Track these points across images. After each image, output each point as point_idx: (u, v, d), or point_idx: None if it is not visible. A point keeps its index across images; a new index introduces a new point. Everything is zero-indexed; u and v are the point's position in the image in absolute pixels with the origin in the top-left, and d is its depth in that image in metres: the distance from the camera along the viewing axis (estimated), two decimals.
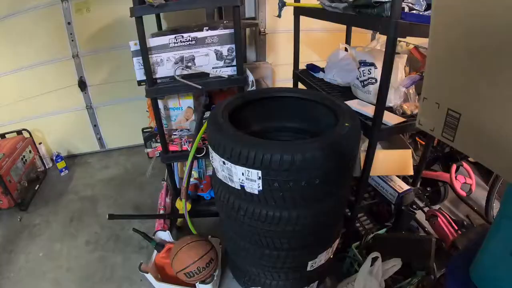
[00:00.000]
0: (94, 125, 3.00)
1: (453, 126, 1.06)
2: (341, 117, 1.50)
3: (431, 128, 1.16)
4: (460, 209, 2.35)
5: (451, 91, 1.06)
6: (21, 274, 2.04)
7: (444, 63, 1.09)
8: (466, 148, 1.05)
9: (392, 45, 1.41)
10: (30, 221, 2.42)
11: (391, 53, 1.43)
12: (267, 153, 1.29)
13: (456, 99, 1.04)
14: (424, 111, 1.19)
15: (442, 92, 1.10)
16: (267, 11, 2.85)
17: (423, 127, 1.20)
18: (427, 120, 1.18)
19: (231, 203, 1.51)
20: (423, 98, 1.17)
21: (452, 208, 2.36)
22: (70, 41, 2.71)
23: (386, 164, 1.78)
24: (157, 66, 1.95)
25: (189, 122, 2.10)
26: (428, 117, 1.17)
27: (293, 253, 1.59)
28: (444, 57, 1.09)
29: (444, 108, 1.08)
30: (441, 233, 2.03)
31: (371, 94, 1.83)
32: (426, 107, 1.17)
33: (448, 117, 1.07)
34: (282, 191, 1.36)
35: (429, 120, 1.17)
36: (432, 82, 1.14)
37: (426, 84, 1.16)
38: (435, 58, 1.12)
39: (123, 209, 2.44)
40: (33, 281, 2.00)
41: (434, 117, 1.14)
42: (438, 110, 1.10)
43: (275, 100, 1.81)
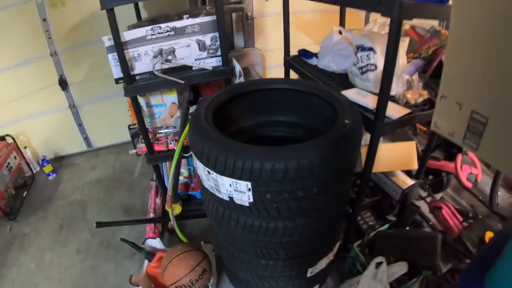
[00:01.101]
0: (79, 125, 2.74)
1: (478, 132, 0.81)
2: (340, 112, 1.25)
3: (450, 133, 0.92)
4: (462, 197, 2.14)
5: (476, 90, 0.81)
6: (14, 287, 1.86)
7: (469, 54, 0.83)
8: (494, 159, 0.81)
9: (396, 29, 1.15)
10: (20, 230, 2.22)
11: (396, 38, 1.17)
12: (256, 162, 1.06)
13: (483, 100, 0.79)
14: (442, 112, 0.94)
15: (465, 90, 0.85)
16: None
17: (439, 130, 0.96)
18: (445, 123, 0.94)
19: (221, 214, 1.29)
20: (440, 96, 0.92)
21: (455, 196, 2.16)
22: (47, 39, 2.43)
23: (389, 159, 1.56)
24: (135, 62, 1.69)
25: (174, 119, 1.85)
26: (447, 120, 0.93)
27: (291, 262, 1.39)
28: (469, 46, 0.83)
29: (467, 110, 0.84)
30: (446, 225, 1.83)
31: (370, 82, 1.57)
32: (444, 107, 0.92)
33: (471, 121, 0.83)
34: (276, 203, 1.14)
35: (447, 123, 0.93)
36: (452, 76, 0.88)
37: (445, 79, 0.91)
38: (458, 47, 0.85)
39: (112, 213, 2.24)
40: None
41: (454, 120, 0.89)
42: (459, 112, 0.86)
43: (265, 92, 1.55)
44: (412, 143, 1.59)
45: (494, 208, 1.95)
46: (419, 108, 1.49)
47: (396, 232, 1.70)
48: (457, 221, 1.82)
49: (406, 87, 1.53)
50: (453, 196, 2.15)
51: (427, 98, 1.56)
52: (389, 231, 1.71)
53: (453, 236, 1.79)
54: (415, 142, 1.61)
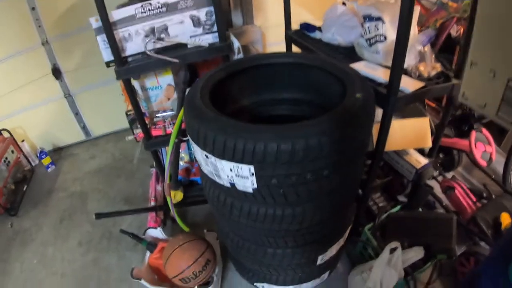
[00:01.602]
0: (75, 114, 2.57)
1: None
2: (350, 86, 1.08)
3: (481, 104, 0.76)
4: (473, 175, 1.98)
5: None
6: (18, 285, 1.76)
7: (506, 11, 0.67)
8: None
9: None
10: (21, 226, 2.10)
11: (410, 3, 0.99)
12: (259, 143, 0.90)
13: None
14: (472, 81, 0.78)
15: (500, 54, 0.70)
16: None
17: (469, 102, 0.81)
18: (475, 94, 0.78)
19: (222, 201, 1.14)
20: (470, 63, 0.76)
21: (466, 174, 2.00)
22: (37, 28, 2.24)
23: (401, 137, 1.39)
24: (125, 42, 1.51)
25: (171, 102, 1.69)
26: (477, 90, 0.77)
27: (300, 250, 1.25)
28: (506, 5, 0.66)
29: (502, 78, 0.69)
30: (459, 206, 1.68)
31: (380, 54, 1.40)
32: (474, 75, 0.77)
33: (508, 91, 0.68)
34: (283, 188, 0.99)
35: (478, 93, 0.77)
36: (485, 39, 0.72)
37: (476, 43, 0.75)
38: (491, 4, 0.69)
39: (113, 203, 2.11)
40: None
41: (486, 90, 0.74)
42: (493, 80, 0.71)
43: (266, 68, 1.38)
44: (426, 119, 1.42)
45: (507, 187, 1.80)
46: (433, 81, 1.32)
47: (409, 214, 1.55)
48: (470, 202, 1.67)
49: (418, 59, 1.36)
50: (464, 175, 1.99)
51: (440, 71, 1.39)
52: (401, 213, 1.57)
53: (467, 217, 1.65)
54: (429, 118, 1.44)
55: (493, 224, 1.57)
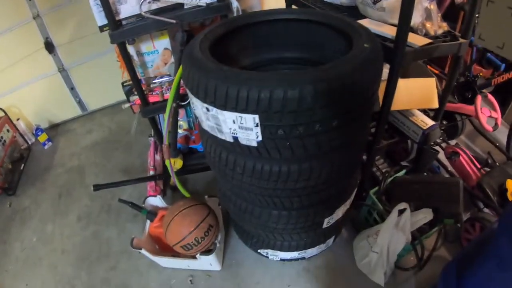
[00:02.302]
0: (71, 88, 2.46)
1: None
2: (357, 38, 1.01)
3: (499, 45, 0.70)
4: (477, 144, 1.93)
5: None
6: (18, 264, 1.71)
7: None
8: None
9: None
10: (19, 205, 2.03)
11: None
12: (264, 90, 0.83)
13: None
14: (488, 20, 0.72)
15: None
16: None
17: (486, 43, 0.74)
18: (492, 34, 0.72)
19: (224, 159, 1.07)
20: (487, 1, 0.69)
21: (469, 143, 1.95)
22: (27, 1, 2.12)
23: (407, 96, 1.32)
24: (119, 5, 1.42)
25: (168, 66, 1.60)
26: (495, 30, 0.71)
27: (306, 211, 1.20)
28: None
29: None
30: (463, 172, 1.64)
31: (384, 12, 1.31)
32: (491, 14, 0.70)
33: None
34: (289, 140, 0.92)
35: (496, 33, 0.71)
36: None
37: None
38: None
39: (111, 175, 2.04)
40: (30, 270, 1.67)
41: (504, 30, 0.68)
42: (511, 18, 0.64)
43: (267, 25, 1.29)
44: (432, 79, 1.35)
45: (511, 155, 1.74)
46: (440, 39, 1.25)
47: (415, 178, 1.50)
48: (475, 168, 1.62)
49: (424, 16, 1.28)
50: (468, 143, 1.94)
51: (447, 30, 1.31)
52: (407, 177, 1.52)
53: (472, 183, 1.60)
54: (435, 79, 1.37)
55: (498, 191, 1.52)
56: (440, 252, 1.49)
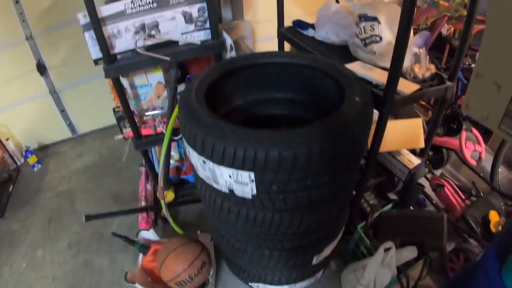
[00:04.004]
0: (61, 111, 2.44)
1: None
2: (348, 88, 1.05)
3: (484, 117, 0.76)
4: (462, 173, 2.01)
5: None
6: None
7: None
8: None
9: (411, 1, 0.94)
10: (8, 227, 1.99)
11: (410, 11, 0.96)
12: (260, 150, 0.86)
13: None
14: (476, 92, 0.77)
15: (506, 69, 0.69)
16: None
17: (472, 113, 0.80)
18: (478, 105, 0.78)
19: (219, 205, 1.10)
20: (476, 74, 0.75)
21: (454, 172, 2.02)
22: (21, 22, 2.09)
23: (395, 138, 1.38)
24: (114, 39, 1.43)
25: (161, 100, 1.62)
26: (482, 102, 0.77)
27: (296, 251, 1.23)
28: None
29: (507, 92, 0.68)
30: (448, 203, 1.70)
31: (375, 55, 1.37)
32: (479, 87, 0.76)
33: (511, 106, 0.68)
34: (283, 193, 0.96)
35: (482, 105, 0.77)
36: (492, 53, 0.71)
37: (483, 55, 0.74)
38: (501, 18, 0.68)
39: (102, 202, 2.03)
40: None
41: (489, 103, 0.74)
42: (497, 94, 0.70)
43: (260, 67, 1.33)
44: (419, 120, 1.42)
45: (495, 185, 1.83)
46: (427, 83, 1.31)
47: (400, 213, 1.56)
48: (459, 199, 1.69)
49: (413, 60, 1.34)
50: (453, 173, 2.01)
51: (434, 72, 1.38)
52: (394, 211, 1.57)
53: (456, 214, 1.67)
54: (422, 119, 1.44)
55: (482, 222, 1.58)
56: (426, 282, 1.53)
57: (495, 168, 1.78)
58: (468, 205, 1.64)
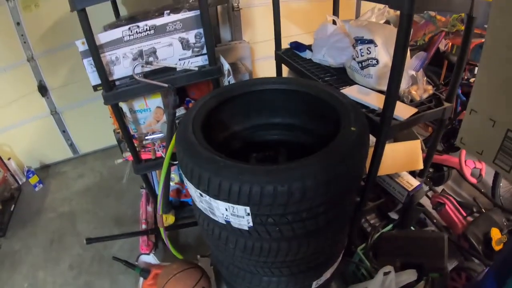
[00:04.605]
0: (63, 131, 2.49)
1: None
2: (344, 118, 1.06)
3: (479, 151, 0.76)
4: (463, 188, 2.00)
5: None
6: None
7: (508, 64, 0.66)
8: None
9: (407, 24, 0.95)
10: (10, 247, 2.00)
11: (406, 34, 0.98)
12: (255, 186, 0.87)
13: None
14: (471, 127, 0.78)
15: (501, 105, 0.70)
16: None
17: (466, 147, 0.80)
18: (473, 140, 0.78)
19: (217, 235, 1.11)
20: (470, 110, 0.76)
21: (456, 187, 2.01)
22: (22, 43, 2.15)
23: (393, 161, 1.38)
24: (113, 66, 1.46)
25: (161, 124, 1.63)
26: (476, 137, 0.77)
27: (295, 277, 1.23)
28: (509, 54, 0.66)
29: (502, 127, 0.69)
30: (449, 221, 1.69)
31: (372, 79, 1.38)
32: (473, 122, 0.76)
33: (507, 141, 0.68)
34: (279, 225, 0.97)
35: (476, 140, 0.77)
36: (487, 88, 0.72)
37: (477, 91, 0.75)
38: (495, 55, 0.68)
39: (103, 224, 2.04)
40: None
41: (484, 138, 0.74)
42: (492, 129, 0.71)
43: (257, 94, 1.35)
44: (417, 141, 1.42)
45: (496, 200, 1.82)
46: (425, 105, 1.32)
47: (400, 234, 1.55)
48: (460, 216, 1.68)
49: (410, 83, 1.35)
50: (454, 188, 2.01)
51: (432, 93, 1.38)
52: (394, 232, 1.57)
53: (457, 232, 1.65)
54: (420, 140, 1.44)
55: (483, 240, 1.57)
56: None
57: (497, 183, 1.77)
58: (469, 223, 1.63)
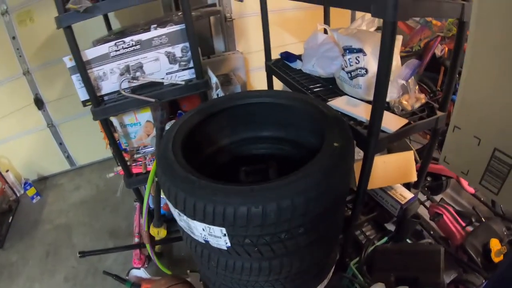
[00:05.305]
0: (59, 144, 2.50)
1: (501, 174, 0.61)
2: (328, 131, 1.02)
3: (464, 171, 0.71)
4: (462, 196, 1.93)
5: (502, 123, 0.59)
6: None
7: (495, 76, 0.61)
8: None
9: (390, 32, 0.91)
10: (7, 259, 2.02)
11: (390, 43, 0.94)
12: (229, 207, 0.84)
13: (510, 136, 0.58)
14: (454, 146, 0.73)
15: (486, 122, 0.64)
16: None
17: (450, 167, 0.75)
18: (457, 159, 0.73)
19: (199, 253, 1.08)
20: (453, 127, 0.71)
21: (455, 195, 1.94)
22: (18, 57, 2.18)
23: (385, 173, 1.33)
24: (101, 81, 1.46)
25: (151, 138, 1.62)
26: (460, 155, 0.72)
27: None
28: (496, 66, 0.61)
29: (488, 146, 0.63)
30: (448, 232, 1.62)
31: (361, 89, 1.34)
32: (457, 140, 0.71)
33: (493, 161, 0.62)
34: (257, 246, 0.93)
35: (460, 159, 0.72)
36: (470, 103, 0.67)
37: (461, 106, 0.69)
38: (480, 65, 0.63)
39: (98, 236, 2.04)
40: None
41: (469, 157, 0.69)
42: (477, 148, 0.65)
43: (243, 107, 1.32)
44: (410, 153, 1.36)
45: (496, 209, 1.74)
46: (417, 115, 1.26)
47: (395, 247, 1.49)
48: (459, 227, 1.61)
49: (401, 92, 1.29)
50: (453, 196, 1.93)
51: (424, 102, 1.32)
52: (388, 246, 1.51)
53: (456, 243, 1.58)
54: (413, 151, 1.38)
55: (482, 251, 1.51)
56: None
57: None
58: (468, 233, 1.56)
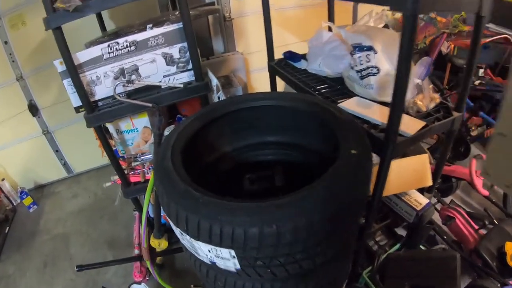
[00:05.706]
0: (56, 151, 2.36)
1: None
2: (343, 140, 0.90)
3: (507, 184, 0.59)
4: (473, 197, 1.82)
5: None
6: None
7: None
8: None
9: (411, 27, 0.79)
10: (4, 271, 1.90)
11: (410, 40, 0.82)
12: (238, 228, 0.72)
13: None
14: (497, 155, 0.61)
15: None
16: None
17: (492, 179, 0.63)
18: (501, 171, 0.61)
19: (205, 273, 0.96)
20: (496, 133, 0.59)
21: (465, 197, 1.83)
22: (11, 63, 2.04)
23: (399, 179, 1.22)
24: (94, 86, 1.33)
25: (149, 145, 1.50)
26: (504, 167, 0.60)
27: None
28: None
29: None
30: (460, 235, 1.52)
31: (373, 89, 1.23)
32: (502, 149, 0.59)
33: None
34: (270, 267, 0.81)
35: (505, 171, 0.60)
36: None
37: (506, 111, 0.57)
38: None
39: (96, 246, 1.92)
40: None
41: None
42: None
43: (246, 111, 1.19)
44: (425, 156, 1.25)
45: (508, 210, 1.64)
46: (432, 116, 1.15)
47: (409, 254, 1.38)
48: (472, 230, 1.51)
49: (416, 92, 1.18)
50: (463, 198, 1.83)
51: (439, 102, 1.22)
52: (401, 253, 1.40)
53: (469, 247, 1.48)
54: (428, 154, 1.27)
55: (497, 255, 1.41)
56: None
57: None
58: (482, 237, 1.46)
